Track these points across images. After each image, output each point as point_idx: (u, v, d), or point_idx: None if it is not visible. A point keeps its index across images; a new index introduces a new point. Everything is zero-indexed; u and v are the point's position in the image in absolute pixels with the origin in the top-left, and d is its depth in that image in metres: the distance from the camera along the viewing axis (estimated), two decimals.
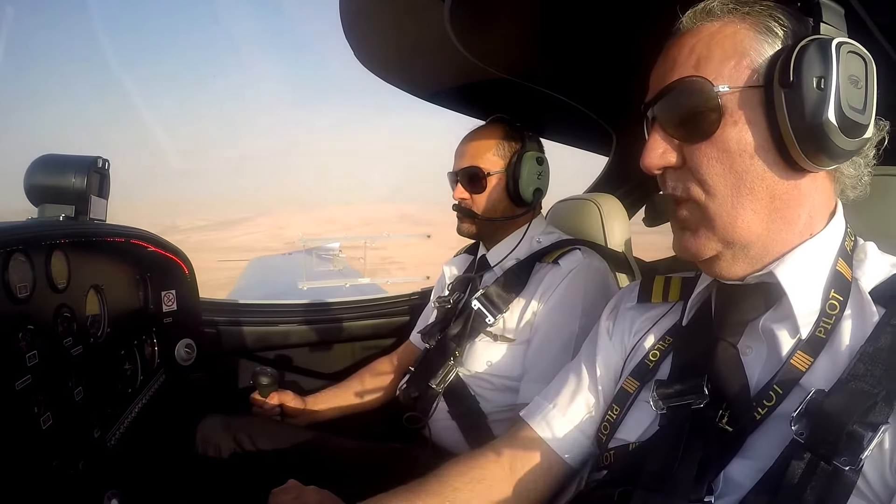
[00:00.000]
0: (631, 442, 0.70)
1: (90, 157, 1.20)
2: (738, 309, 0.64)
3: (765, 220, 0.59)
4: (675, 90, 0.60)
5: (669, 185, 0.63)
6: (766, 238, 0.60)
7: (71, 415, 0.98)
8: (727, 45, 0.58)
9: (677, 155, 0.61)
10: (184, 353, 1.62)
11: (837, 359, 0.57)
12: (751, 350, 0.63)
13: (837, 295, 0.59)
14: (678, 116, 0.60)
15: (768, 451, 0.56)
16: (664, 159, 0.62)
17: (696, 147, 0.59)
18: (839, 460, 0.49)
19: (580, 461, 0.80)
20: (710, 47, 0.59)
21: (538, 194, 1.33)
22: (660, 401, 0.67)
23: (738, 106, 0.57)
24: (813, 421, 0.52)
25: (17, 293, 0.89)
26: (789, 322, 0.60)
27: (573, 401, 0.82)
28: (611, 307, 0.88)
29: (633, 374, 0.74)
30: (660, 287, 0.81)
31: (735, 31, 0.58)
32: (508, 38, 1.22)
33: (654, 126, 0.63)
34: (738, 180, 0.58)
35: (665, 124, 0.62)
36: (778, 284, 0.60)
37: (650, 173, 0.64)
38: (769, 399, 0.58)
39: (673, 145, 0.61)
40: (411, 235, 15.53)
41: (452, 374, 1.27)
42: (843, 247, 0.62)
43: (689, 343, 0.70)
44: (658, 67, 0.64)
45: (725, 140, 0.57)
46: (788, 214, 0.60)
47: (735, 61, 0.57)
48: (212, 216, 51.08)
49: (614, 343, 0.82)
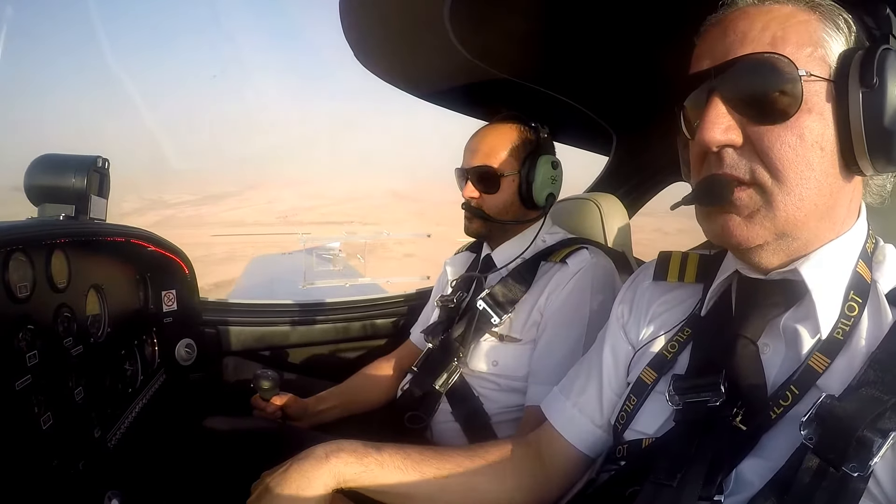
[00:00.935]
0: (646, 436, 0.70)
1: (90, 157, 1.20)
2: (760, 305, 0.63)
3: (820, 216, 0.58)
4: (750, 64, 0.56)
5: (728, 164, 0.58)
6: (812, 234, 0.59)
7: (71, 415, 0.98)
8: (802, 32, 0.56)
9: (740, 133, 0.57)
10: (184, 353, 1.62)
11: (854, 362, 0.56)
12: (769, 348, 0.63)
13: (857, 297, 0.59)
14: (751, 93, 0.56)
15: (781, 452, 0.56)
16: (728, 136, 0.57)
17: (769, 129, 0.55)
18: (848, 466, 0.49)
19: (596, 451, 0.81)
20: (785, 29, 0.56)
21: (551, 199, 1.31)
22: (676, 395, 0.66)
23: (815, 95, 0.55)
24: (822, 426, 0.51)
25: (17, 293, 0.89)
26: (811, 322, 0.59)
27: (585, 391, 0.82)
28: (625, 290, 0.87)
29: (651, 365, 0.74)
30: (676, 265, 0.80)
31: (808, 20, 0.56)
32: (508, 38, 1.22)
33: (714, 99, 0.57)
34: (810, 171, 0.55)
35: (731, 99, 0.57)
36: (802, 282, 0.59)
37: (707, 149, 0.58)
38: (785, 399, 0.57)
39: (738, 122, 0.57)
40: (411, 234, 15.52)
41: (456, 374, 1.27)
42: (865, 248, 0.62)
43: (708, 336, 0.69)
44: (716, 37, 0.59)
45: (801, 127, 0.55)
46: (834, 213, 0.59)
47: (811, 49, 0.55)
48: (197, 191, 50.69)
49: (630, 326, 0.82)
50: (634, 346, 0.79)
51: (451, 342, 1.29)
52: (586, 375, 0.84)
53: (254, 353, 1.83)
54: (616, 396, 0.79)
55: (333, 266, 4.77)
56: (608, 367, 0.81)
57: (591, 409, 0.81)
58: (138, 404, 1.31)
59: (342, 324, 1.96)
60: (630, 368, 0.79)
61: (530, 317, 1.23)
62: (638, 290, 0.84)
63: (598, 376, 0.82)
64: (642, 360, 0.76)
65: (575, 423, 0.82)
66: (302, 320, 1.92)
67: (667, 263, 0.81)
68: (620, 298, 0.86)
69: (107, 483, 1.01)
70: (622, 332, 0.83)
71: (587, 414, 0.81)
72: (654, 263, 0.83)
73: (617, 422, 0.75)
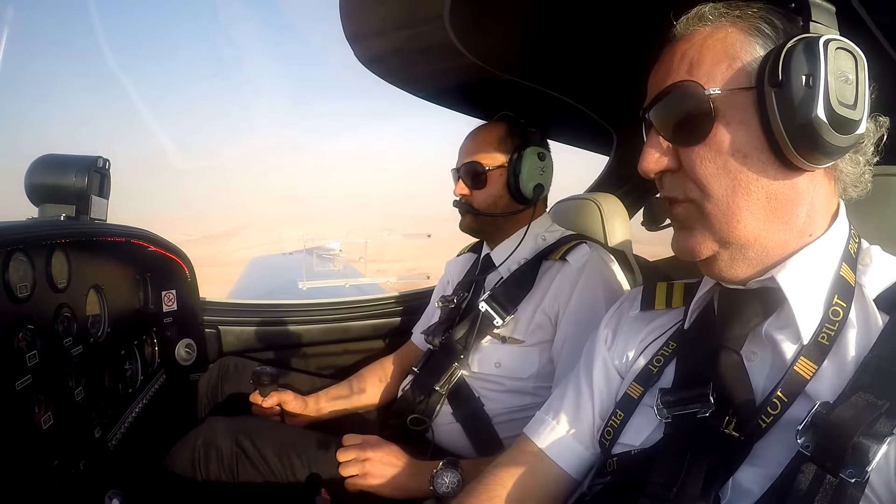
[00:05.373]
0: (634, 448, 0.69)
1: (91, 157, 1.20)
2: (740, 315, 0.63)
3: (761, 221, 0.59)
4: (668, 95, 0.61)
5: (667, 187, 0.64)
6: (764, 239, 0.60)
7: (71, 415, 0.98)
8: (718, 49, 0.59)
9: (673, 158, 0.62)
10: (184, 353, 1.62)
11: (843, 367, 0.56)
12: (755, 356, 0.63)
13: (841, 301, 0.59)
14: (672, 120, 0.61)
15: (776, 459, 0.56)
16: (660, 163, 0.62)
17: (691, 150, 0.60)
18: (845, 473, 0.49)
19: (583, 472, 0.80)
20: (701, 52, 0.60)
21: (539, 190, 1.31)
22: (664, 409, 0.66)
23: (731, 108, 0.57)
24: (819, 433, 0.52)
25: (18, 293, 0.89)
26: (791, 329, 0.60)
27: (571, 413, 0.81)
28: (610, 315, 0.87)
29: (637, 380, 0.74)
30: (662, 294, 0.81)
31: (726, 35, 0.59)
32: (508, 38, 1.22)
33: (651, 131, 0.64)
34: (732, 180, 0.58)
35: (661, 129, 0.62)
36: (779, 290, 0.60)
37: (647, 177, 0.64)
38: (774, 407, 0.57)
39: (669, 149, 0.62)
40: (412, 234, 15.55)
41: (457, 375, 1.27)
42: (847, 250, 0.62)
43: (692, 349, 0.70)
44: (654, 74, 0.66)
45: (718, 142, 0.58)
46: (786, 214, 0.59)
47: (726, 64, 0.58)
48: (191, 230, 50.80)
49: (614, 353, 0.81)
50: (622, 374, 0.79)
51: (452, 343, 1.29)
52: (575, 397, 0.82)
53: (254, 353, 1.83)
54: (602, 420, 0.78)
55: (333, 266, 4.77)
56: (594, 387, 0.80)
57: (582, 433, 0.79)
58: (138, 404, 1.31)
59: (342, 324, 1.96)
60: (617, 391, 0.79)
61: (534, 319, 1.23)
62: (623, 319, 0.84)
63: (588, 399, 0.80)
64: (628, 378, 0.76)
65: (565, 447, 0.80)
66: (302, 320, 1.92)
67: (653, 293, 0.82)
68: (605, 322, 0.86)
69: (107, 483, 1.01)
70: (609, 357, 0.82)
71: (579, 438, 0.79)
72: (640, 294, 0.84)
73: (603, 437, 0.74)
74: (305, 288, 5.09)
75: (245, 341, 1.83)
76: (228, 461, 1.09)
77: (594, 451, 0.79)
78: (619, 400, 0.75)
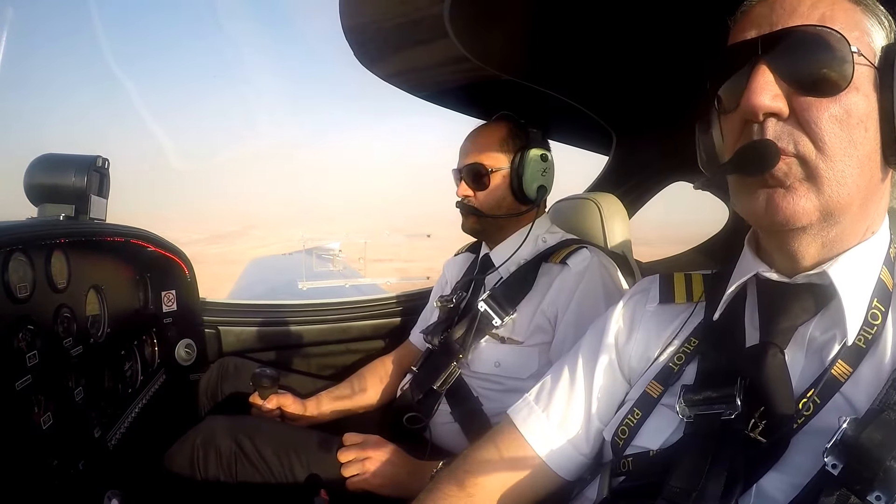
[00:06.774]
0: (652, 450, 0.66)
1: (90, 157, 1.20)
2: (788, 311, 0.60)
3: (861, 202, 0.56)
4: (801, 35, 0.54)
5: (772, 135, 0.55)
6: (853, 220, 0.57)
7: (71, 415, 0.98)
8: (849, 16, 0.55)
9: (787, 104, 0.55)
10: (184, 353, 1.62)
11: (878, 372, 0.55)
12: (787, 356, 0.60)
13: (880, 305, 0.57)
14: (802, 64, 0.54)
15: (803, 468, 0.53)
16: (776, 103, 0.54)
17: (817, 101, 0.54)
18: (872, 497, 0.46)
19: (574, 475, 0.77)
20: (833, 9, 0.55)
21: (542, 191, 1.32)
22: (686, 408, 0.63)
23: (862, 77, 0.54)
24: (847, 454, 0.48)
25: (17, 293, 0.89)
26: (838, 328, 0.57)
27: (566, 412, 0.77)
28: (622, 308, 0.81)
29: (656, 379, 0.70)
30: (682, 285, 0.77)
31: (852, 8, 0.56)
32: (508, 38, 1.22)
33: (761, 67, 0.55)
34: (852, 148, 0.53)
35: (780, 69, 0.55)
36: (830, 286, 0.57)
37: (753, 116, 0.55)
38: (807, 409, 0.55)
39: (784, 92, 0.55)
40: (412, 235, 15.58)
41: (456, 375, 1.27)
42: (889, 254, 0.60)
43: (719, 345, 0.67)
44: (761, 13, 0.58)
45: (849, 103, 0.53)
46: (869, 205, 0.57)
47: (858, 34, 0.54)
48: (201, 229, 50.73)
49: (632, 350, 0.76)
50: (632, 375, 0.75)
51: (451, 343, 1.29)
52: (568, 393, 0.78)
53: (253, 354, 1.83)
54: (601, 424, 0.75)
55: (333, 266, 4.78)
56: (596, 386, 0.77)
57: (576, 434, 0.76)
58: (138, 404, 1.31)
59: (342, 324, 1.96)
60: (624, 393, 0.75)
61: (533, 320, 1.23)
62: (640, 313, 0.78)
63: (581, 395, 0.77)
64: (647, 376, 0.73)
65: (555, 446, 0.76)
66: (302, 320, 1.92)
67: (671, 284, 0.78)
68: (616, 317, 0.80)
69: (107, 483, 1.01)
70: (619, 357, 0.78)
71: (572, 441, 0.76)
72: (654, 285, 0.79)
73: (616, 436, 0.70)
74: (305, 288, 5.10)
75: (245, 341, 1.83)
76: (227, 461, 1.09)
77: (586, 456, 0.76)
78: (638, 398, 0.71)
